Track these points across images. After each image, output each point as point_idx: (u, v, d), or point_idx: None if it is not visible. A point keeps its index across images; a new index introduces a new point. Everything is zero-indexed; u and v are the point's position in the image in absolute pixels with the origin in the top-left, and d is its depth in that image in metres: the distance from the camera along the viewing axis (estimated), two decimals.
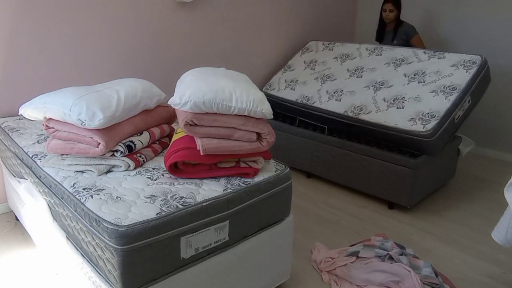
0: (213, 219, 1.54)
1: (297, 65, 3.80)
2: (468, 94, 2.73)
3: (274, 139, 1.75)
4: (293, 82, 3.61)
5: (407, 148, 2.80)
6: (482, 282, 2.13)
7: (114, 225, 1.33)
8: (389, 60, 3.25)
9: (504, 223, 1.85)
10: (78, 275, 1.64)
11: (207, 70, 1.93)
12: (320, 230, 2.58)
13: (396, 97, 2.92)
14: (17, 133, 2.23)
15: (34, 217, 1.99)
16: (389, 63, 3.23)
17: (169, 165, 1.66)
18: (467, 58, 2.92)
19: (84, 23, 2.75)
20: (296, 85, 3.58)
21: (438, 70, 2.94)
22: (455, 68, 2.90)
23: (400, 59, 3.21)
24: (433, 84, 2.86)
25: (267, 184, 1.73)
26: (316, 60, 3.75)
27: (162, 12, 3.13)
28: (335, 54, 3.66)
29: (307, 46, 4.01)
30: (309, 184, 3.27)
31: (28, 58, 2.56)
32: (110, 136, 1.73)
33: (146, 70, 3.15)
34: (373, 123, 2.85)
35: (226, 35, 3.62)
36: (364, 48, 3.54)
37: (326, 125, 3.17)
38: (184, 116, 1.67)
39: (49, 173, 1.73)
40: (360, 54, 3.49)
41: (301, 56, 3.91)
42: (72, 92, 1.78)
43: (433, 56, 3.09)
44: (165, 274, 1.46)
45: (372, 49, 3.46)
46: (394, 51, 3.32)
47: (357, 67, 3.35)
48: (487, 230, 2.65)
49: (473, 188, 3.29)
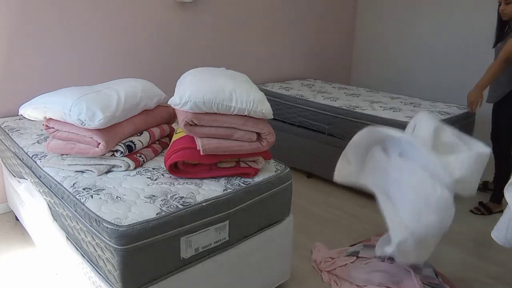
0: (213, 219, 1.54)
1: (294, 84, 3.94)
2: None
3: (274, 139, 1.75)
4: (287, 88, 3.67)
5: None
6: (482, 282, 2.13)
7: (114, 225, 1.33)
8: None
9: (504, 223, 1.85)
10: (78, 275, 1.64)
11: (207, 70, 1.93)
12: (320, 230, 2.58)
13: (393, 108, 3.07)
14: (17, 133, 2.23)
15: (34, 217, 1.99)
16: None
17: (169, 165, 1.66)
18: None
19: (84, 23, 2.75)
20: (291, 89, 3.66)
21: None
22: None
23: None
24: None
25: (267, 184, 1.73)
26: (314, 84, 3.96)
27: (162, 12, 3.13)
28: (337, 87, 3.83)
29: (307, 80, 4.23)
30: (309, 184, 3.27)
31: (28, 58, 2.56)
32: (110, 136, 1.73)
33: (146, 70, 3.15)
34: (368, 115, 2.89)
35: (226, 35, 3.62)
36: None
37: (318, 120, 3.18)
38: (184, 116, 1.67)
39: (49, 173, 1.73)
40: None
41: (300, 81, 4.14)
42: (72, 92, 1.78)
43: None
44: (165, 274, 1.46)
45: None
46: None
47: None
48: (487, 230, 2.64)
49: None
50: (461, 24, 4.06)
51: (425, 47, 4.37)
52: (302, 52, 4.36)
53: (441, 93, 4.32)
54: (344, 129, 2.99)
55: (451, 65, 4.20)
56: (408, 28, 4.47)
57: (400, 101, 3.31)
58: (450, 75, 4.23)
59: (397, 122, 2.72)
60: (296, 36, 4.27)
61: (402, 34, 4.53)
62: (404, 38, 4.53)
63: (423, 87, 4.47)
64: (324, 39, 4.60)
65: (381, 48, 4.71)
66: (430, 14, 4.27)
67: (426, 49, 4.37)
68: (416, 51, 4.46)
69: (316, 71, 4.59)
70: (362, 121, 2.88)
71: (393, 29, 4.60)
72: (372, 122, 2.82)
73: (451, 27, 4.14)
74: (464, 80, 4.14)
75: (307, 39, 4.40)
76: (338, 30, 4.73)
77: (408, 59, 4.55)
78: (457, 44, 4.12)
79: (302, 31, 4.32)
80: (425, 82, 4.45)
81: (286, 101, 3.39)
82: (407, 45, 4.52)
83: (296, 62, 4.34)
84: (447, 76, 4.25)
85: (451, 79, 4.23)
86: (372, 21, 4.78)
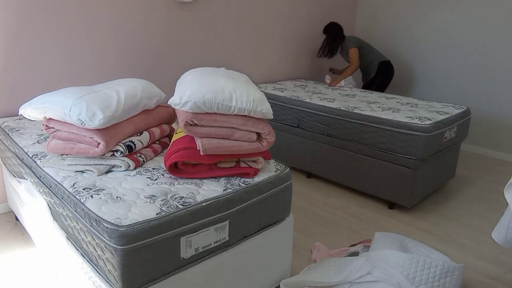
0: (213, 219, 1.54)
1: (287, 85, 3.94)
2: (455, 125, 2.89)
3: (274, 139, 1.75)
4: (281, 89, 3.67)
5: (400, 145, 2.77)
6: (482, 282, 2.13)
7: (114, 225, 1.33)
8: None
9: (504, 223, 1.85)
10: (78, 275, 1.64)
11: (207, 70, 1.93)
12: (320, 230, 2.58)
13: (391, 108, 3.05)
14: (17, 133, 2.23)
15: (34, 217, 1.99)
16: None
17: (169, 165, 1.66)
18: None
19: (84, 23, 2.75)
20: (285, 90, 3.66)
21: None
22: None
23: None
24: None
25: (267, 184, 1.73)
26: (307, 85, 3.97)
27: (162, 12, 3.13)
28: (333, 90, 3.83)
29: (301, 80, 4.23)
30: (309, 184, 3.27)
31: (28, 58, 2.56)
32: (110, 136, 1.73)
33: (146, 70, 3.15)
34: (367, 116, 2.87)
35: (226, 35, 3.63)
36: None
37: (316, 122, 3.17)
38: (184, 116, 1.67)
39: (49, 173, 1.73)
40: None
41: (292, 81, 4.14)
42: (72, 92, 1.78)
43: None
44: (165, 274, 1.46)
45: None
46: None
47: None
48: (487, 230, 2.65)
49: (473, 188, 3.29)
50: (459, 25, 4.06)
51: (425, 47, 4.37)
52: (295, 52, 4.36)
53: (437, 93, 4.33)
54: (343, 130, 2.99)
55: (451, 65, 4.20)
56: (408, 28, 4.48)
57: (396, 101, 3.31)
58: (450, 75, 4.23)
59: (397, 122, 2.72)
60: (291, 36, 4.27)
61: (402, 34, 4.54)
62: (404, 38, 4.53)
63: (422, 87, 4.48)
64: (321, 39, 4.60)
65: (381, 48, 4.71)
66: (430, 15, 4.27)
67: (426, 49, 4.37)
68: (413, 51, 4.46)
69: (308, 72, 4.58)
70: (361, 122, 2.88)
71: (393, 29, 4.60)
72: (372, 123, 2.83)
73: (451, 27, 4.14)
74: (464, 80, 4.14)
75: (302, 39, 4.40)
76: None
77: (407, 60, 4.55)
78: (457, 44, 4.12)
79: (298, 31, 4.32)
80: (423, 82, 4.45)
81: (282, 102, 3.39)
82: (405, 45, 4.53)
83: (289, 62, 4.33)
84: (446, 76, 4.25)
85: (449, 79, 4.23)
86: (371, 21, 4.79)
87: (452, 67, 4.19)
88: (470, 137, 4.17)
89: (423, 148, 2.63)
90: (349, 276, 1.86)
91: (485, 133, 4.08)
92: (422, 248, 2.05)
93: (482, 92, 4.03)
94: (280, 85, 3.91)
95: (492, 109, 3.99)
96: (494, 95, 3.95)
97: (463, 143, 4.23)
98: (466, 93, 4.14)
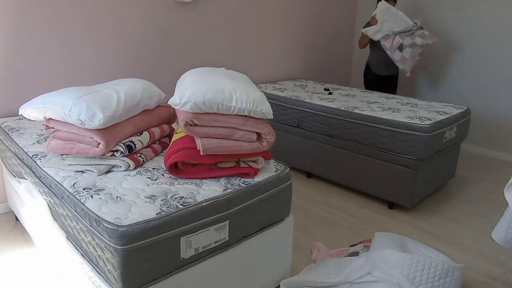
0: (213, 219, 1.54)
1: (287, 85, 3.92)
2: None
3: (274, 139, 1.75)
4: (281, 89, 3.66)
5: (400, 145, 2.77)
6: (482, 282, 2.13)
7: (114, 225, 1.33)
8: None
9: (504, 223, 1.85)
10: (78, 275, 1.64)
11: (207, 70, 1.93)
12: (320, 230, 2.58)
13: (391, 108, 3.05)
14: (17, 133, 2.24)
15: (34, 217, 1.99)
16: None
17: (169, 165, 1.66)
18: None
19: (84, 23, 2.75)
20: (285, 90, 3.65)
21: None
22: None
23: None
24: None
25: (267, 184, 1.73)
26: (307, 85, 3.95)
27: (162, 12, 3.13)
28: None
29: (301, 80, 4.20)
30: (309, 184, 3.27)
31: (28, 58, 2.56)
32: (110, 136, 1.73)
33: (146, 70, 3.15)
34: (367, 116, 2.86)
35: (226, 35, 3.63)
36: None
37: (316, 121, 3.17)
38: (184, 116, 1.67)
39: (49, 173, 1.73)
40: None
41: (292, 81, 4.13)
42: (72, 92, 1.78)
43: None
44: (165, 274, 1.46)
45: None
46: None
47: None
48: (487, 230, 2.65)
49: (473, 188, 3.29)
50: (459, 25, 4.06)
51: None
52: (295, 52, 4.36)
53: (437, 93, 4.33)
54: (343, 130, 2.99)
55: (451, 64, 4.20)
56: None
57: (396, 101, 3.31)
58: (450, 75, 4.23)
59: (397, 122, 2.72)
60: (291, 36, 4.27)
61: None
62: None
63: (422, 87, 4.48)
64: (321, 39, 4.60)
65: None
66: (429, 15, 4.27)
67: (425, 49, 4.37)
68: None
69: (308, 72, 4.58)
70: (361, 122, 2.88)
71: None
72: (372, 123, 2.82)
73: (451, 27, 4.14)
74: (464, 80, 4.14)
75: (302, 39, 4.40)
76: (337, 30, 4.73)
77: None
78: (457, 44, 4.12)
79: (298, 31, 4.32)
80: (423, 82, 4.45)
81: (282, 102, 3.38)
82: None
83: (289, 62, 4.33)
84: (446, 76, 4.25)
85: (449, 79, 4.23)
86: None
87: (452, 67, 4.20)
88: (470, 137, 4.17)
89: (423, 148, 2.63)
90: (349, 276, 1.86)
91: (485, 133, 4.08)
92: (422, 248, 2.05)
93: (482, 92, 4.03)
94: (280, 85, 3.91)
95: (492, 109, 3.99)
96: (494, 95, 3.95)
97: (463, 143, 4.23)
98: (466, 93, 4.14)
